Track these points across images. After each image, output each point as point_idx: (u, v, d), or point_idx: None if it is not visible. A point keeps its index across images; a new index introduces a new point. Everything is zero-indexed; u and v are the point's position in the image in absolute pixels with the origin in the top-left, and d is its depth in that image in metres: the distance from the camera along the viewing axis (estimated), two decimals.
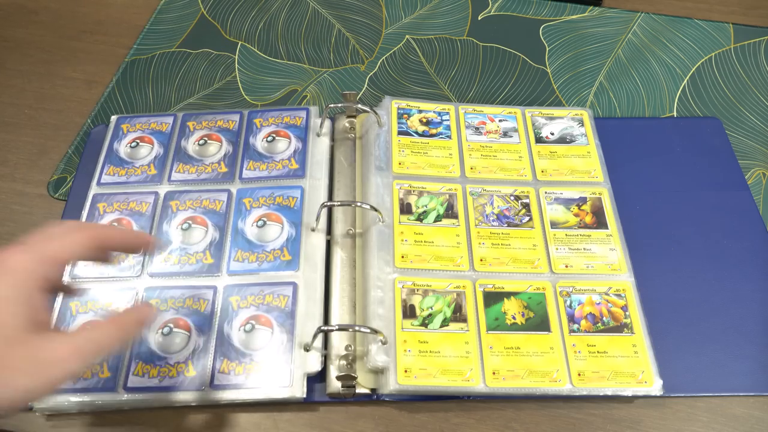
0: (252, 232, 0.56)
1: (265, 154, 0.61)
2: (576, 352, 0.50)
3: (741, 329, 0.54)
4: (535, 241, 0.56)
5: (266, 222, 0.56)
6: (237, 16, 0.79)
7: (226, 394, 0.48)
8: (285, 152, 0.61)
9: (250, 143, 0.62)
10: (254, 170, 0.60)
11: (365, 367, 0.50)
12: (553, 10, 0.79)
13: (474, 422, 0.50)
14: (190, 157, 0.61)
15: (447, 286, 0.53)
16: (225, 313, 0.51)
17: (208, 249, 0.55)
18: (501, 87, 0.72)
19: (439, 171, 0.60)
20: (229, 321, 0.51)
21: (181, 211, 0.57)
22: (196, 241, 0.56)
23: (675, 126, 0.67)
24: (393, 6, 0.80)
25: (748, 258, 0.58)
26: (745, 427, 0.50)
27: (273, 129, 0.62)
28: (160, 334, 0.50)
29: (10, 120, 0.69)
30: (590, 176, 0.61)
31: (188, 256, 0.55)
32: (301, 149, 0.61)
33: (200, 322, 0.51)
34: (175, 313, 0.51)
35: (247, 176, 0.59)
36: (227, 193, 0.58)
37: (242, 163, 0.60)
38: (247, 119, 0.64)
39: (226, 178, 0.59)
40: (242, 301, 0.52)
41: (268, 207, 0.57)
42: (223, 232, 0.56)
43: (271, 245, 0.55)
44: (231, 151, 0.61)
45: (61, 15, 0.80)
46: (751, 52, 0.75)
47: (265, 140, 0.62)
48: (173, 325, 0.51)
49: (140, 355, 0.49)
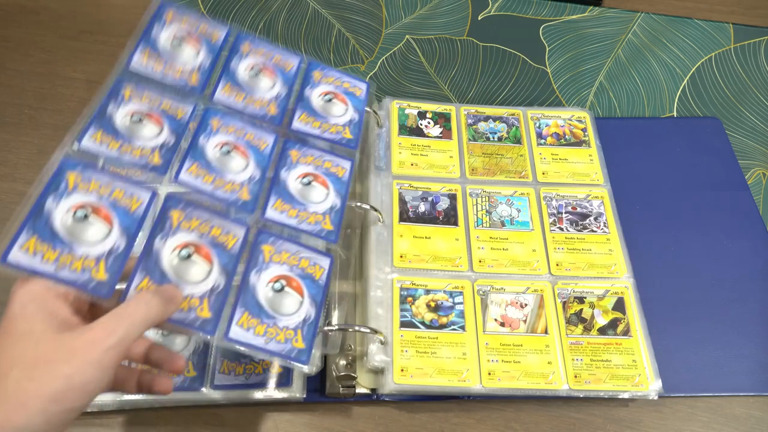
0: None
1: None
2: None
3: (741, 329, 0.54)
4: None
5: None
6: (237, 16, 0.79)
7: (226, 394, 0.48)
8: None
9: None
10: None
11: (365, 367, 0.50)
12: (553, 10, 0.79)
13: (474, 422, 0.50)
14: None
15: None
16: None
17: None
18: (501, 87, 0.72)
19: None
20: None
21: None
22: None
23: (675, 126, 0.67)
24: (393, 6, 0.80)
25: (748, 258, 0.58)
26: (745, 427, 0.50)
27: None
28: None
29: (10, 120, 0.69)
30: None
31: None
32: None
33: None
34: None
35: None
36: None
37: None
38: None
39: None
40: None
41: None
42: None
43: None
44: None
45: (61, 15, 0.79)
46: (751, 52, 0.75)
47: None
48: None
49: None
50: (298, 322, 0.43)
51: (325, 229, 0.48)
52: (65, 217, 0.39)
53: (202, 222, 0.44)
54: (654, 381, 0.49)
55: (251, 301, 0.43)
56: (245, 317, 0.42)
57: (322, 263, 0.47)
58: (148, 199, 0.43)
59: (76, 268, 0.38)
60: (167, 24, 0.52)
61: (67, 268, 0.38)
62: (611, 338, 0.51)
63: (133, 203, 0.42)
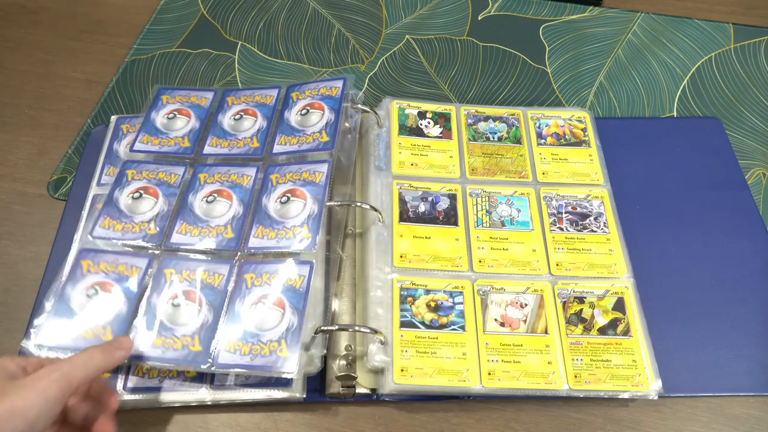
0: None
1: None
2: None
3: (741, 329, 0.54)
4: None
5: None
6: (237, 16, 0.79)
7: (226, 395, 0.48)
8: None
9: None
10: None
11: (365, 367, 0.50)
12: (553, 10, 0.79)
13: (474, 422, 0.50)
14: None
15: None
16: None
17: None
18: (501, 87, 0.72)
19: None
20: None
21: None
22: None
23: (675, 126, 0.67)
24: (393, 6, 0.80)
25: (748, 258, 0.58)
26: (745, 427, 0.50)
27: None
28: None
29: (10, 120, 0.69)
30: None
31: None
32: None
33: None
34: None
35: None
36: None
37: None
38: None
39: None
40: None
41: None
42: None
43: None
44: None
45: (61, 15, 0.80)
46: (751, 52, 0.75)
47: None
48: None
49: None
50: (281, 332, 0.47)
51: (305, 238, 0.52)
52: (80, 297, 0.50)
53: (190, 272, 0.51)
54: (654, 381, 0.49)
55: (237, 326, 0.48)
56: (231, 342, 0.47)
57: (302, 271, 0.50)
58: (144, 266, 0.52)
59: (87, 336, 0.48)
60: (163, 105, 0.63)
61: (83, 339, 0.48)
62: (611, 338, 0.51)
63: (132, 272, 0.51)
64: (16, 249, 0.59)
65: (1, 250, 0.59)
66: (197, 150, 0.59)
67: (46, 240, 0.59)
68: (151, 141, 0.60)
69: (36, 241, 0.60)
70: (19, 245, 0.60)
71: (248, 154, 0.58)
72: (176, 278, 0.50)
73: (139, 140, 0.60)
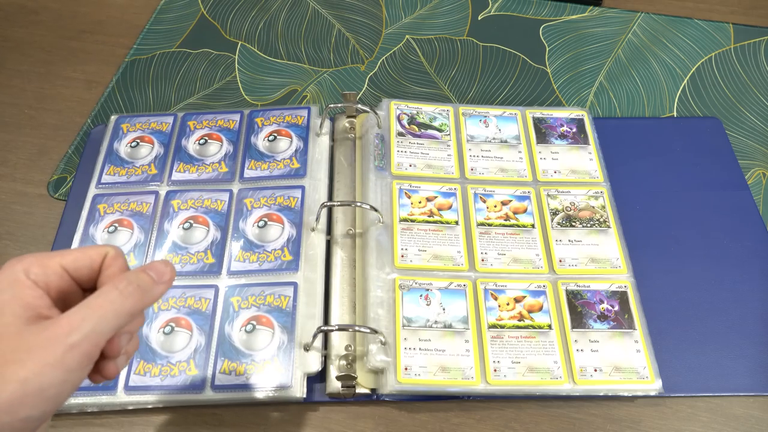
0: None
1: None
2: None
3: (741, 329, 0.54)
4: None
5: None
6: (237, 16, 0.79)
7: (226, 395, 0.48)
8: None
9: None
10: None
11: (365, 367, 0.50)
12: (553, 10, 0.79)
13: (474, 422, 0.50)
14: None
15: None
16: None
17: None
18: (501, 87, 0.72)
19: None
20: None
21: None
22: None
23: (675, 126, 0.67)
24: (393, 6, 0.80)
25: (748, 258, 0.58)
26: (745, 427, 0.50)
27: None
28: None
29: (10, 120, 0.69)
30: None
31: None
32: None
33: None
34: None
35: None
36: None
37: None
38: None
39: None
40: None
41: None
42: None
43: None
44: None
45: (61, 15, 0.80)
46: (751, 52, 0.75)
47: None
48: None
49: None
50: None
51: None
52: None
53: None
54: (654, 381, 0.49)
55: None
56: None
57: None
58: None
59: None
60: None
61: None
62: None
63: None
64: (16, 249, 0.59)
65: (1, 250, 0.59)
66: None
67: (46, 240, 0.59)
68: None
69: (36, 241, 0.60)
70: (19, 245, 0.60)
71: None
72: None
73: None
